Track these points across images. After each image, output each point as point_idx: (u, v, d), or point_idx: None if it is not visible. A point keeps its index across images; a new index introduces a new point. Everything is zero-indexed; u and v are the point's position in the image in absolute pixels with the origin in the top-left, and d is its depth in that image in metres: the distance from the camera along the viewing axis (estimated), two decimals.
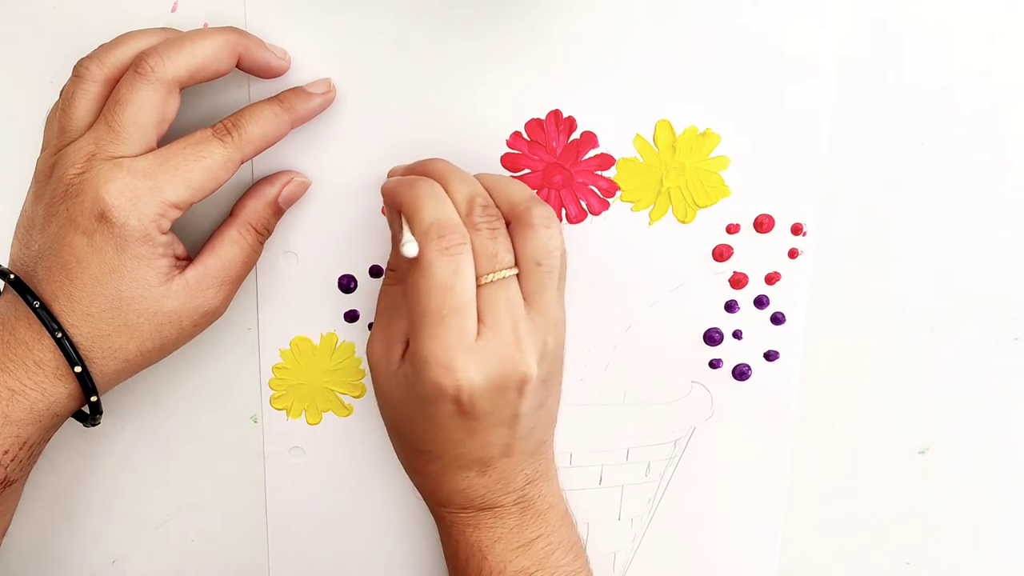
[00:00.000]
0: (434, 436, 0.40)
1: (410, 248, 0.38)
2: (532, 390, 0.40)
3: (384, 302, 0.42)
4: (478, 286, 0.38)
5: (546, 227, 0.39)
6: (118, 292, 0.39)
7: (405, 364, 0.40)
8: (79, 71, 0.40)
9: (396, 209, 0.40)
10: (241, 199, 0.43)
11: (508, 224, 0.40)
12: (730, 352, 0.47)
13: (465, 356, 0.38)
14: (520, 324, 0.39)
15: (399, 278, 0.41)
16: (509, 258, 0.39)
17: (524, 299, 0.39)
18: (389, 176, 0.43)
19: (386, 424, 0.44)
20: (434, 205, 0.38)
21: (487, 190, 0.41)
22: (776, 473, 0.48)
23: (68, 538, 0.50)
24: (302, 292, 0.46)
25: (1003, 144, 0.44)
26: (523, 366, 0.39)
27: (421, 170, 0.41)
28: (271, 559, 0.50)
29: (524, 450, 0.42)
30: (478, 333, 0.38)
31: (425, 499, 0.44)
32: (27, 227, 0.41)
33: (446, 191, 0.39)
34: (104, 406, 0.42)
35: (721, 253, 0.46)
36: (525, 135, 0.44)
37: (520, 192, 0.40)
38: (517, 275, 0.39)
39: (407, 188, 0.39)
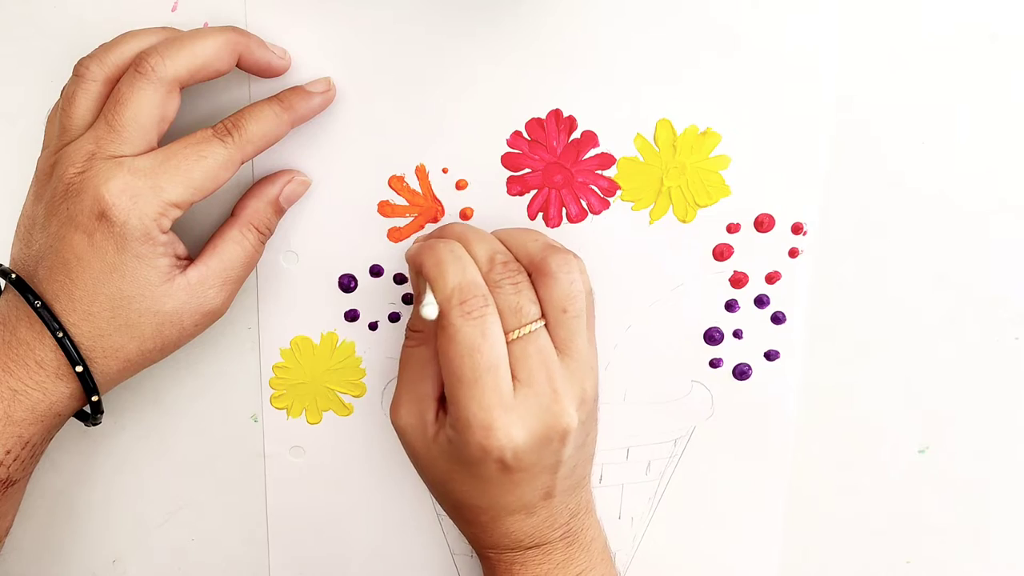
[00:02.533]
0: (482, 491, 0.40)
1: (430, 311, 0.38)
2: (574, 438, 0.40)
3: (408, 364, 0.42)
4: (508, 343, 0.38)
5: (566, 273, 0.39)
6: (119, 291, 0.39)
7: (445, 428, 0.40)
8: (80, 70, 0.40)
9: (418, 273, 0.40)
10: (242, 199, 0.43)
11: (530, 275, 0.40)
12: (730, 351, 0.47)
13: (505, 415, 0.38)
14: (555, 374, 0.39)
15: (423, 340, 0.41)
16: (535, 310, 0.39)
17: (556, 347, 0.39)
18: (415, 242, 0.43)
19: (428, 484, 0.43)
20: (455, 269, 0.39)
21: (504, 244, 0.41)
22: (776, 472, 0.48)
23: (68, 537, 0.50)
24: (302, 291, 0.46)
25: (1003, 144, 0.44)
26: (565, 418, 0.39)
27: (439, 235, 0.42)
28: (271, 559, 0.50)
29: (566, 488, 0.42)
30: (514, 389, 0.38)
31: (472, 544, 0.44)
32: (28, 227, 0.41)
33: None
34: (105, 405, 0.42)
35: (721, 252, 0.46)
36: (525, 134, 0.44)
37: (535, 242, 0.41)
38: (545, 325, 0.39)
39: (428, 252, 0.39)
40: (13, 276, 0.40)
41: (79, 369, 0.40)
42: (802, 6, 0.42)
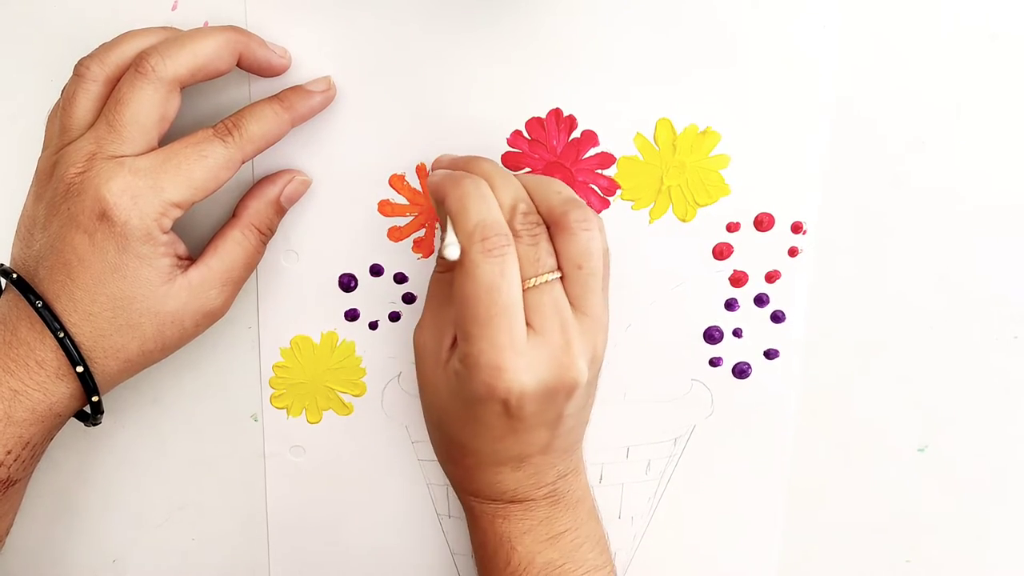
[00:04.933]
0: (475, 432, 0.40)
1: (452, 251, 0.38)
2: (580, 394, 0.40)
3: (435, 289, 0.42)
4: (523, 290, 0.38)
5: (585, 230, 0.39)
6: (120, 291, 0.39)
7: (455, 360, 0.40)
8: (80, 70, 0.40)
9: (440, 204, 0.40)
10: (243, 199, 0.43)
11: (548, 228, 0.40)
12: (730, 350, 0.47)
13: (516, 358, 0.38)
14: (569, 327, 0.39)
15: (450, 266, 0.41)
16: (551, 262, 0.39)
17: (571, 302, 0.39)
18: (434, 166, 0.43)
19: (426, 412, 0.43)
20: (479, 206, 0.38)
21: (528, 191, 0.40)
22: (776, 471, 0.49)
23: (68, 537, 0.50)
24: (303, 291, 0.46)
25: (1003, 144, 0.44)
26: (574, 371, 0.39)
27: (465, 167, 0.41)
28: (271, 558, 0.50)
29: (560, 448, 0.42)
30: (529, 336, 0.38)
31: (454, 487, 0.44)
32: (28, 226, 0.41)
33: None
34: (105, 405, 0.42)
35: (721, 251, 0.46)
36: (526, 134, 0.44)
37: (557, 195, 0.40)
38: (562, 279, 0.39)
39: (453, 185, 0.39)
40: (14, 276, 0.40)
41: (79, 369, 0.40)
42: (802, 6, 0.42)
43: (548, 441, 0.41)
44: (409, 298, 0.46)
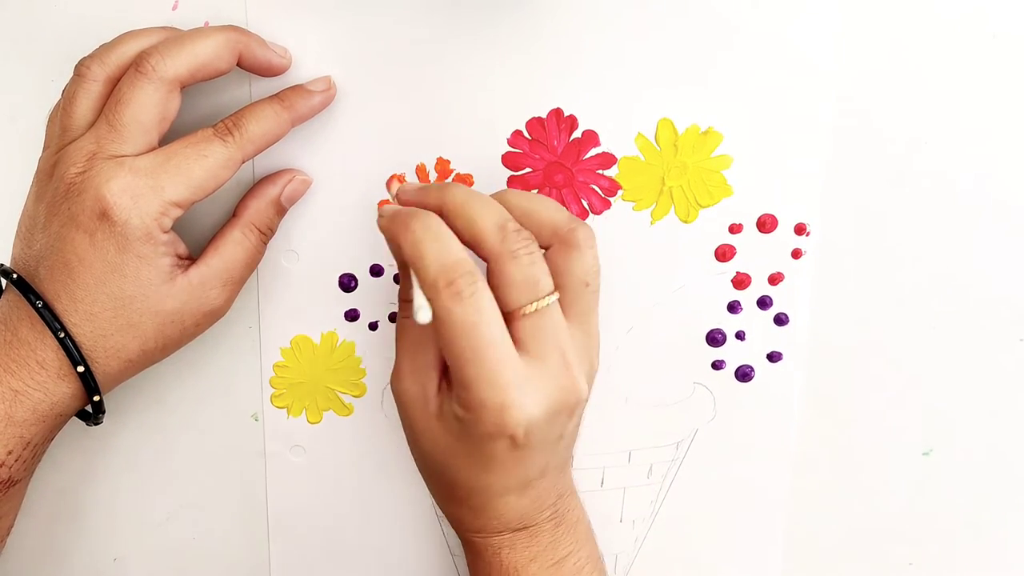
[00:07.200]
0: (483, 468, 0.39)
1: (423, 315, 0.36)
2: (579, 411, 0.39)
3: (404, 335, 0.41)
4: (523, 316, 0.37)
5: (590, 247, 0.39)
6: (120, 291, 0.39)
7: (451, 406, 0.39)
8: (80, 70, 0.40)
9: (397, 249, 0.39)
10: (243, 199, 0.43)
11: (544, 246, 0.39)
12: (733, 353, 0.47)
13: (518, 390, 0.37)
14: (567, 347, 0.38)
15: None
16: (549, 282, 0.38)
17: (571, 320, 0.39)
18: (398, 194, 0.41)
19: (423, 461, 0.42)
20: (435, 248, 0.36)
21: (521, 211, 0.39)
22: (778, 474, 0.48)
23: (70, 536, 0.50)
24: (303, 291, 0.46)
25: (1004, 143, 0.44)
26: (576, 391, 0.38)
27: (437, 197, 0.39)
28: (271, 558, 0.50)
29: (556, 467, 0.41)
30: (527, 364, 0.37)
31: (456, 527, 0.44)
32: (29, 226, 0.41)
33: (470, 218, 0.38)
34: (106, 405, 0.42)
35: (724, 253, 0.45)
36: (526, 134, 0.44)
37: (559, 212, 0.39)
38: (560, 297, 0.39)
39: (403, 231, 0.37)
40: (14, 276, 0.40)
41: (80, 369, 0.40)
42: (802, 6, 0.42)
43: (548, 461, 0.40)
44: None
